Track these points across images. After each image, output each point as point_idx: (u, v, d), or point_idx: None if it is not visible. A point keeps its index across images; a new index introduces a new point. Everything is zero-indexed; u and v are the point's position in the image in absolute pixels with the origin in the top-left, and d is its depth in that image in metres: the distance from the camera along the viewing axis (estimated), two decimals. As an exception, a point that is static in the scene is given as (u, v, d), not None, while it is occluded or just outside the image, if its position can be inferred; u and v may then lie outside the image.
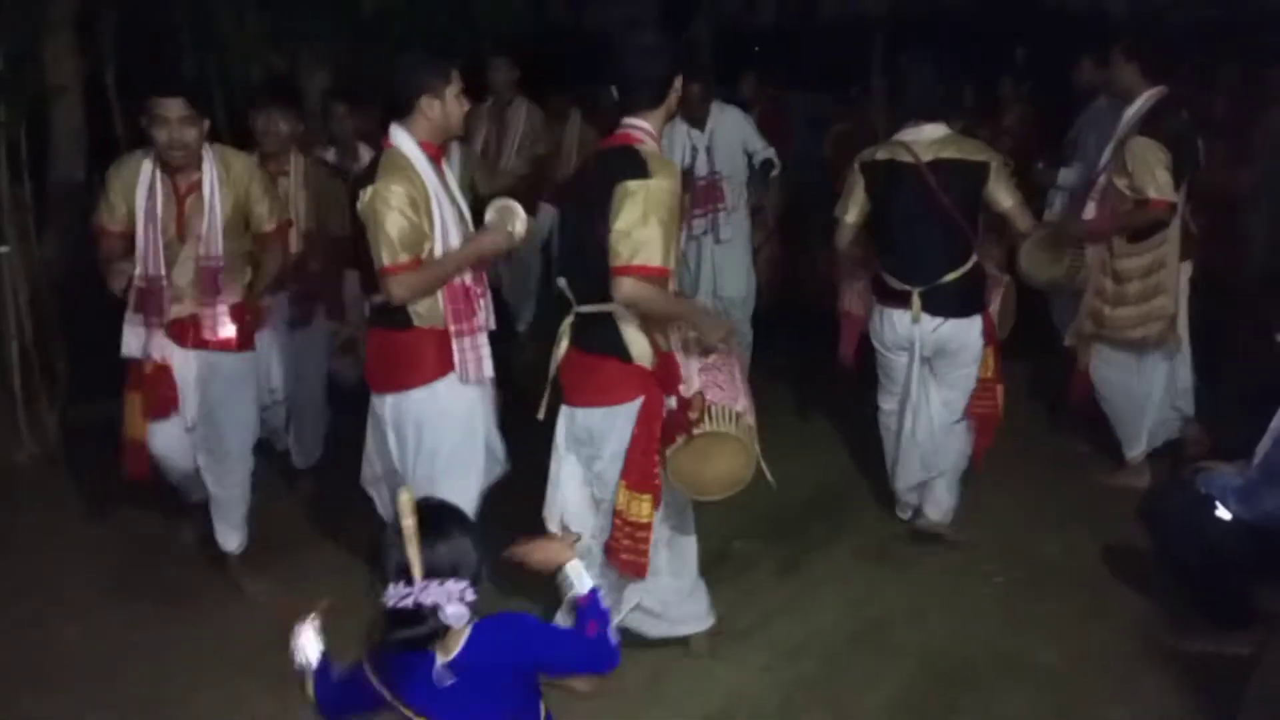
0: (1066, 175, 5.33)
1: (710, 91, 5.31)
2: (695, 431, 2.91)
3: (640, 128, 2.99)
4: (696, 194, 5.25)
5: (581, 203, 3.00)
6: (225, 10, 5.62)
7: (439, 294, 3.17)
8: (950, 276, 3.75)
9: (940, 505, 4.06)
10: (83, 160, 5.26)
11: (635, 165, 2.87)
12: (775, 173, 5.44)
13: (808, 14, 13.84)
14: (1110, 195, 4.20)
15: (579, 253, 2.99)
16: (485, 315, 3.29)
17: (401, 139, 3.16)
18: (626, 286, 2.82)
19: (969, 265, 3.79)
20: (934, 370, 3.88)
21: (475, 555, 1.93)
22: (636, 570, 3.05)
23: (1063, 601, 3.63)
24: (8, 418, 4.96)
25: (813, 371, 3.83)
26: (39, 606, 3.74)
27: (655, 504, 3.00)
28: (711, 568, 3.78)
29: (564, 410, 3.13)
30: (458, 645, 1.93)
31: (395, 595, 1.85)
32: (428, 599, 1.83)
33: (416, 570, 1.83)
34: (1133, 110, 4.19)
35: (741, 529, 4.12)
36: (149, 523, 4.26)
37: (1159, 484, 3.64)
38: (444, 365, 3.21)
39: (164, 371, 3.59)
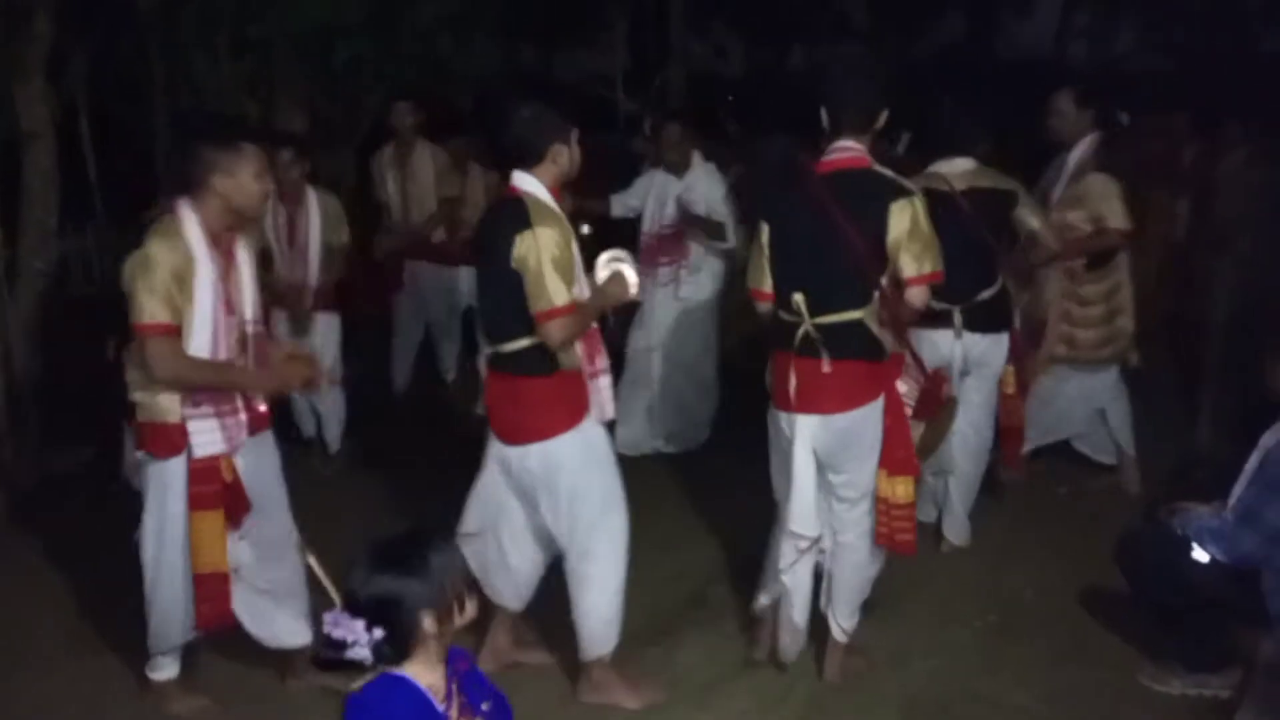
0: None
1: (689, 136, 5.25)
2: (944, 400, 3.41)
3: (860, 150, 3.20)
4: (664, 243, 5.23)
5: (819, 220, 3.13)
6: (200, 56, 5.63)
7: None
8: (985, 295, 4.05)
9: (961, 528, 4.33)
10: (55, 206, 5.21)
11: (893, 186, 3.14)
12: (726, 245, 5.23)
13: (777, 63, 14.10)
14: (1059, 229, 4.38)
15: (818, 266, 3.16)
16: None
17: (532, 185, 3.15)
18: (920, 295, 3.18)
19: (999, 285, 4.11)
20: (961, 391, 4.07)
21: (411, 597, 1.90)
22: (908, 548, 3.34)
23: (1040, 643, 3.64)
24: (-22, 465, 4.88)
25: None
26: (9, 660, 3.65)
27: (916, 483, 3.31)
28: (689, 612, 3.77)
29: (803, 419, 3.20)
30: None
31: (328, 619, 1.89)
32: (336, 632, 1.86)
33: (335, 599, 1.90)
34: (1079, 152, 4.47)
35: (719, 573, 4.11)
36: (123, 573, 4.17)
37: (1132, 526, 3.67)
38: (585, 407, 3.23)
39: (234, 472, 3.14)
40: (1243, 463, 3.23)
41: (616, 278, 3.31)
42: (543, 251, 3.03)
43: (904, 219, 3.11)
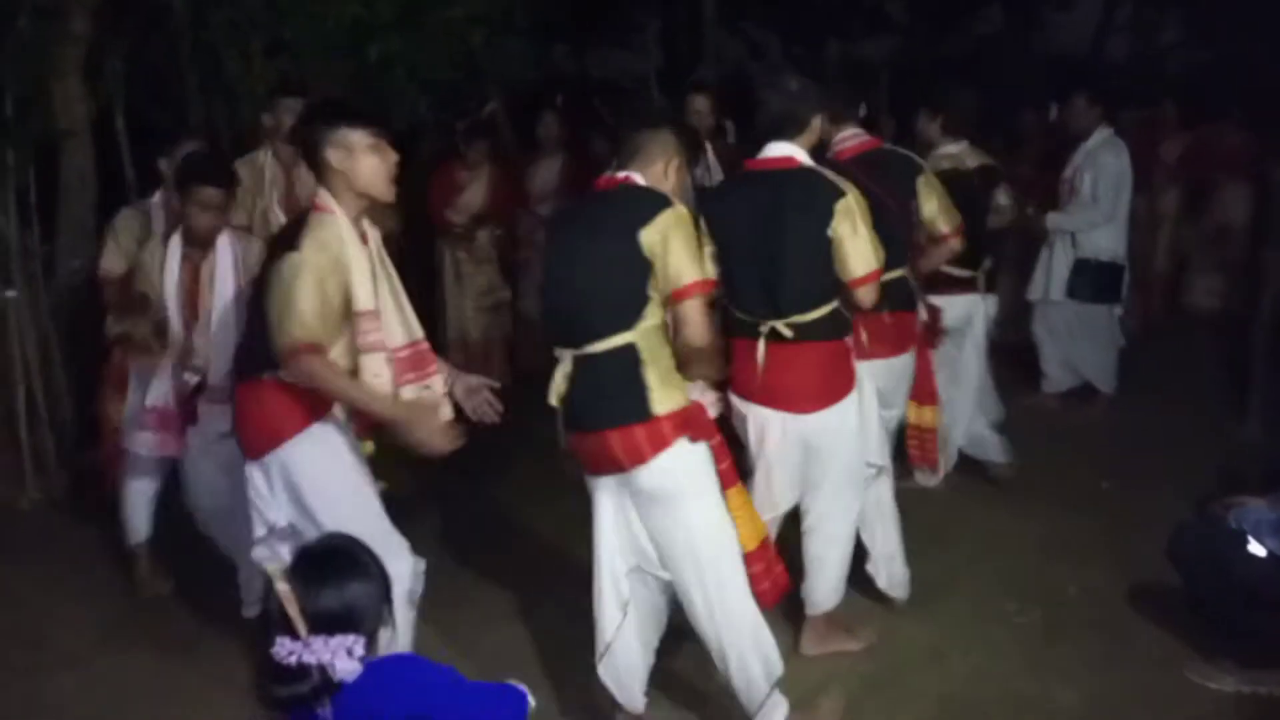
0: (1056, 220, 5.44)
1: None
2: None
3: (864, 133, 3.85)
4: None
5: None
6: (233, 55, 5.65)
7: None
8: (989, 261, 4.65)
9: (1000, 447, 4.82)
10: (92, 204, 5.26)
11: (911, 159, 3.85)
12: None
13: (813, 59, 13.98)
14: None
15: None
16: None
17: (804, 155, 3.24)
18: (952, 247, 4.02)
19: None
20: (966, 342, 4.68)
21: (373, 599, 1.89)
22: (935, 463, 4.21)
23: (1085, 641, 3.55)
24: (13, 463, 4.92)
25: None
26: (34, 656, 3.66)
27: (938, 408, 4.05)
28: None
29: (871, 364, 3.52)
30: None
31: (282, 650, 1.80)
32: (312, 657, 1.78)
33: (301, 629, 1.79)
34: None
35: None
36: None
37: (1185, 520, 3.57)
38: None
39: None
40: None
41: None
42: (861, 217, 3.15)
43: (930, 187, 3.80)
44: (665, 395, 2.79)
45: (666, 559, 2.91)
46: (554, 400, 2.89)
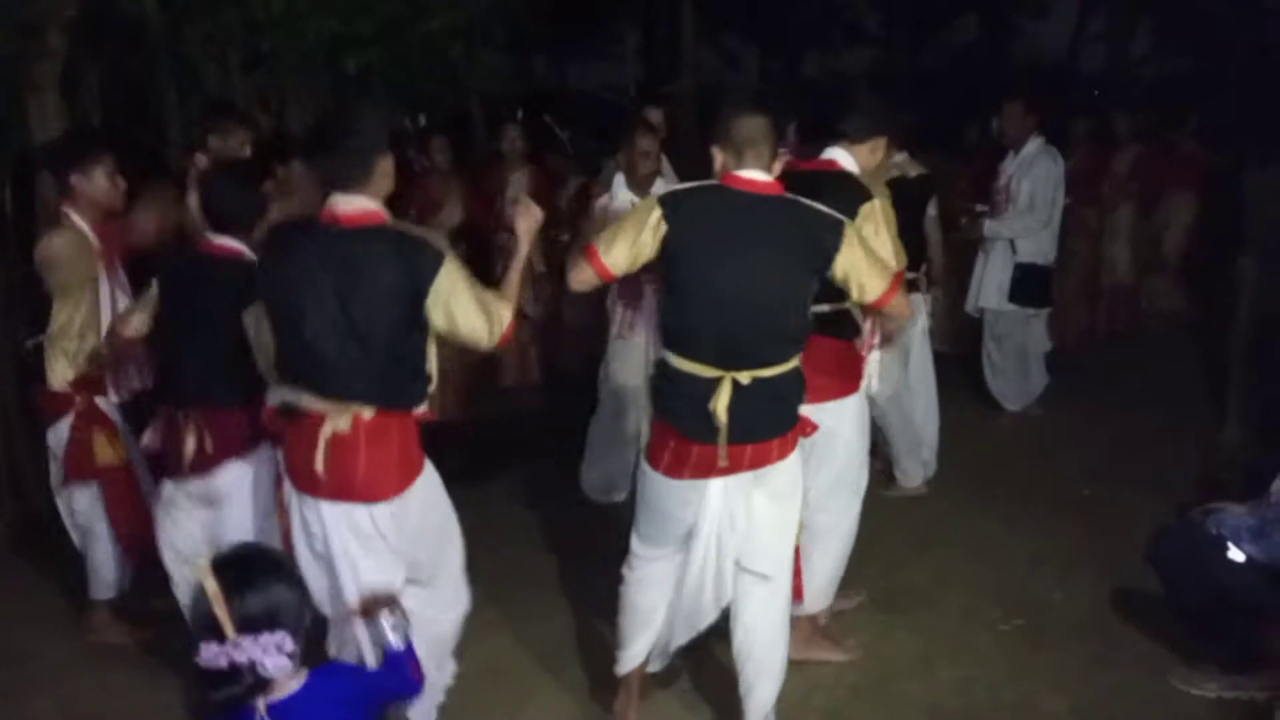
0: (994, 227, 5.49)
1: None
2: None
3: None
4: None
5: None
6: (211, 70, 5.63)
7: None
8: (924, 267, 4.75)
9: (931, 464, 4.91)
10: (68, 220, 5.20)
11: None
12: None
13: (790, 72, 14.07)
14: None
15: None
16: None
17: (852, 164, 3.39)
18: None
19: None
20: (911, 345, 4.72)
21: (293, 599, 1.91)
22: None
23: (1069, 648, 3.56)
24: (-10, 481, 4.87)
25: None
26: (10, 677, 3.61)
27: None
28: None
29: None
30: (285, 692, 1.91)
31: (208, 654, 1.81)
32: (242, 656, 1.80)
33: (228, 629, 1.81)
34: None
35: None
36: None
37: (1166, 526, 3.59)
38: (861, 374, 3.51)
39: None
40: (1272, 462, 3.15)
41: None
42: (886, 221, 3.24)
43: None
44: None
45: (757, 555, 2.91)
46: (719, 422, 2.76)
